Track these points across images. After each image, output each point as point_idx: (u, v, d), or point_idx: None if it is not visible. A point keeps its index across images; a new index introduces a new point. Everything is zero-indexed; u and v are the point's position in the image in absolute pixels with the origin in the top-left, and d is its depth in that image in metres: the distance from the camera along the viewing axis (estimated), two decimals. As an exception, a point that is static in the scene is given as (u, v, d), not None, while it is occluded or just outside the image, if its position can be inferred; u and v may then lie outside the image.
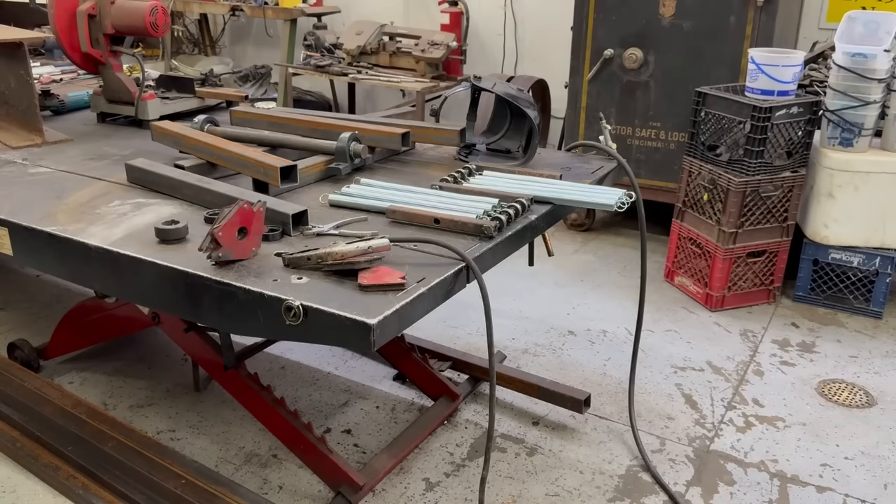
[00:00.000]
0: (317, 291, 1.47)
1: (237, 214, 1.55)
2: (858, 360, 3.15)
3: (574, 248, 4.33)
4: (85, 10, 2.74)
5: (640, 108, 4.10)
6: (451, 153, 2.49)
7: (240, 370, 2.38)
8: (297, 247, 1.65)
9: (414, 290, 1.47)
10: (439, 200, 1.92)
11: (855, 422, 2.75)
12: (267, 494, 2.32)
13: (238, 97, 3.13)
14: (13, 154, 2.50)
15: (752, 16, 3.74)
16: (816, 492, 2.38)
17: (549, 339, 3.30)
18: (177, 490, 2.10)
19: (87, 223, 1.85)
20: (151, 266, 1.63)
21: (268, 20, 6.35)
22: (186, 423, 2.68)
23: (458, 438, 2.62)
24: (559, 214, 2.08)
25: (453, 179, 2.07)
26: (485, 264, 1.69)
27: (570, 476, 2.43)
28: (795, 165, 3.48)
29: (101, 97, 2.95)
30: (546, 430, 2.67)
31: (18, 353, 2.92)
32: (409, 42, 5.19)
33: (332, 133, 2.29)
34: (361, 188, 2.03)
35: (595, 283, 3.86)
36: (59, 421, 2.41)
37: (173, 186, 2.04)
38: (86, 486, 2.26)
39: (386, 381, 2.95)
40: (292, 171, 2.01)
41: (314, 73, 5.29)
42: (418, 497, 2.34)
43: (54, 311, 3.01)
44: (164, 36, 5.44)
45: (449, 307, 1.60)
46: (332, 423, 2.69)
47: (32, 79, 2.69)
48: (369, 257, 1.51)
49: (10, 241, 1.90)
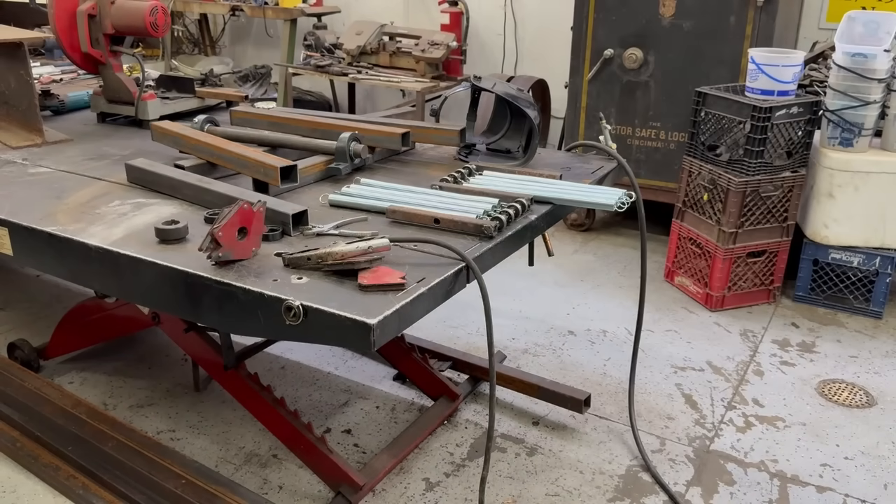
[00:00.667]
0: (317, 291, 1.47)
1: (237, 214, 1.55)
2: (858, 360, 3.15)
3: (574, 248, 4.33)
4: (85, 10, 2.74)
5: (640, 108, 4.10)
6: (451, 153, 2.49)
7: (240, 370, 2.38)
8: (297, 247, 1.65)
9: (414, 290, 1.47)
10: (439, 200, 1.92)
11: (855, 422, 2.75)
12: (267, 494, 2.32)
13: (238, 97, 3.13)
14: (13, 154, 2.50)
15: (752, 16, 3.74)
16: (816, 492, 2.38)
17: (549, 339, 3.30)
18: (177, 490, 2.10)
19: (87, 223, 1.85)
20: (151, 266, 1.63)
21: (268, 20, 6.35)
22: (186, 423, 2.68)
23: (458, 438, 2.62)
24: (559, 214, 2.08)
25: (453, 179, 2.07)
26: (485, 264, 1.69)
27: (570, 476, 2.43)
28: (795, 165, 3.48)
29: (101, 97, 2.95)
30: (546, 430, 2.67)
31: (18, 353, 2.92)
32: (409, 42, 5.19)
33: (332, 133, 2.29)
34: (361, 188, 2.03)
35: (595, 283, 3.86)
36: (59, 421, 2.41)
37: (173, 186, 2.04)
38: (86, 486, 2.26)
39: (386, 381, 2.95)
40: (292, 171, 2.01)
41: (314, 73, 5.29)
42: (418, 497, 2.34)
43: (54, 311, 3.01)
44: (164, 36, 5.44)
45: (449, 307, 1.60)
46: (332, 423, 2.69)
47: (32, 79, 2.69)
48: (369, 257, 1.51)
49: (10, 241, 1.90)
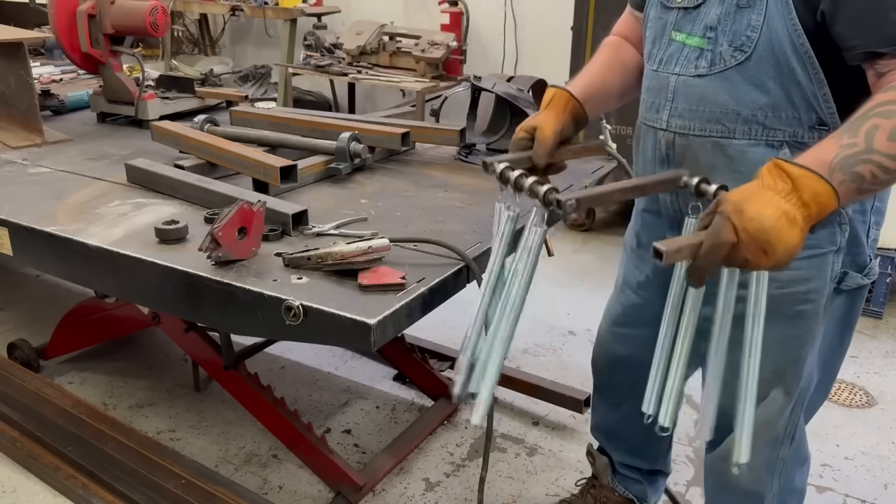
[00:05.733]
0: (317, 291, 1.47)
1: (237, 214, 1.55)
2: (858, 360, 3.15)
3: (574, 248, 4.33)
4: (85, 10, 2.73)
5: (640, 108, 4.09)
6: (451, 153, 2.49)
7: (240, 370, 2.38)
8: (297, 247, 1.65)
9: (414, 290, 1.47)
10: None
11: (855, 422, 2.74)
12: (267, 494, 2.32)
13: (238, 97, 3.13)
14: (13, 154, 2.49)
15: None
16: (816, 492, 2.38)
17: (549, 339, 3.30)
18: (177, 490, 2.10)
19: (86, 223, 1.84)
20: (151, 266, 1.63)
21: (268, 20, 6.34)
22: (186, 423, 2.68)
23: (458, 438, 2.61)
24: (559, 214, 2.07)
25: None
26: (484, 264, 1.69)
27: (570, 476, 2.43)
28: (795, 165, 3.47)
29: (101, 97, 2.95)
30: (546, 430, 2.67)
31: (18, 353, 2.92)
32: (409, 42, 5.19)
33: (332, 133, 2.29)
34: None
35: (595, 283, 3.86)
36: (59, 421, 2.41)
37: (173, 186, 2.04)
38: (86, 486, 2.25)
39: (386, 381, 2.95)
40: (292, 171, 2.01)
41: (314, 73, 5.29)
42: (418, 497, 2.34)
43: (54, 311, 3.01)
44: (164, 36, 5.44)
45: (449, 307, 1.60)
46: (332, 423, 2.69)
47: (32, 79, 2.68)
48: (369, 257, 1.51)
49: (10, 241, 1.90)
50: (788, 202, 1.10)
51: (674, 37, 1.50)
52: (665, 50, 1.52)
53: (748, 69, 1.36)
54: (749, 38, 1.35)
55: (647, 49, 1.60)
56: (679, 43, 1.48)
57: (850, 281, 1.50)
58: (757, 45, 1.34)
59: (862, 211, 1.46)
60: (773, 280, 1.44)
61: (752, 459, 1.55)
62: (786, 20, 1.30)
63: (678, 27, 1.49)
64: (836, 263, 1.47)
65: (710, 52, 1.41)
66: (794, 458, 1.66)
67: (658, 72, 1.54)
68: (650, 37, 1.59)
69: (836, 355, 1.65)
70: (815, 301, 1.48)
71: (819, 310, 1.49)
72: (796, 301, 1.48)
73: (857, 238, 1.47)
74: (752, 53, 1.35)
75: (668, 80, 1.51)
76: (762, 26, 1.33)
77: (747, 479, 1.62)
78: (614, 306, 2.00)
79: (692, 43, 1.45)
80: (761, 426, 1.56)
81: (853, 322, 1.61)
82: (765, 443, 1.58)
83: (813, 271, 1.46)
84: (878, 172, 1.14)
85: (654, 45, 1.57)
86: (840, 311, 1.56)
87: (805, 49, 1.30)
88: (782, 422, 1.59)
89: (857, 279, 1.50)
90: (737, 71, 1.38)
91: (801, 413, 1.63)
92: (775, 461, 1.62)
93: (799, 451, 1.68)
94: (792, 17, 1.30)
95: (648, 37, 1.60)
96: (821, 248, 1.44)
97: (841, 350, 1.65)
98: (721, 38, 1.39)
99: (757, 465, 1.59)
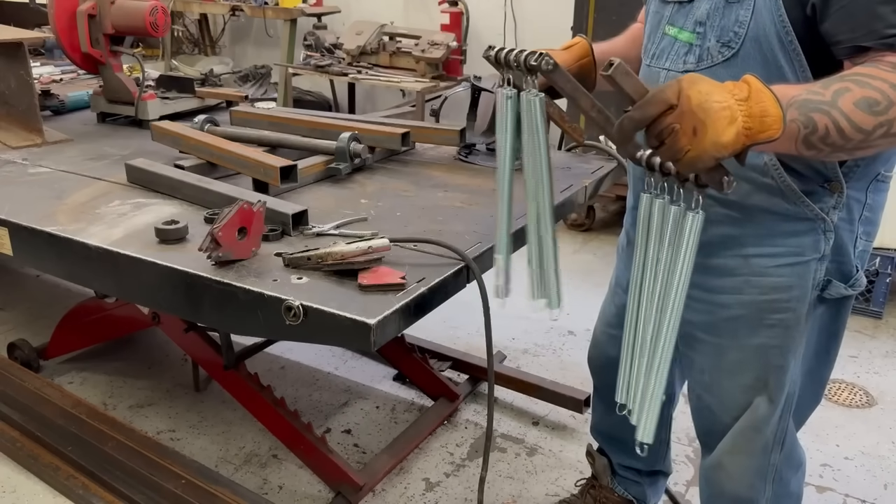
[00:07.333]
0: (317, 291, 1.47)
1: (237, 214, 1.55)
2: (858, 360, 3.15)
3: (574, 248, 4.33)
4: (85, 10, 2.73)
5: (640, 108, 4.09)
6: (451, 153, 2.49)
7: (240, 370, 2.39)
8: (297, 247, 1.65)
9: (414, 290, 1.47)
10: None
11: (855, 422, 2.74)
12: (267, 494, 2.32)
13: (238, 97, 3.13)
14: (13, 154, 2.49)
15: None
16: (816, 492, 2.38)
17: (549, 339, 3.30)
18: (177, 490, 2.10)
19: (86, 223, 1.84)
20: (151, 266, 1.63)
21: (268, 20, 6.34)
22: (186, 423, 2.68)
23: (458, 438, 2.61)
24: (559, 214, 2.07)
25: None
26: (485, 264, 1.69)
27: (570, 476, 2.43)
28: (795, 165, 3.47)
29: (101, 97, 2.95)
30: (546, 430, 2.67)
31: (18, 353, 2.92)
32: (409, 42, 5.19)
33: (332, 133, 2.29)
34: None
35: (595, 283, 3.85)
36: (59, 421, 2.41)
37: (173, 186, 2.04)
38: (86, 486, 2.26)
39: (386, 381, 2.95)
40: (292, 171, 2.01)
41: (314, 73, 5.29)
42: (418, 497, 2.34)
43: (54, 311, 3.01)
44: (164, 36, 5.44)
45: (449, 307, 1.59)
46: (332, 423, 2.69)
47: (32, 79, 2.68)
48: (369, 257, 1.51)
49: (10, 241, 1.90)
50: (738, 105, 1.10)
51: (667, 31, 1.50)
52: (658, 44, 1.53)
53: (735, 65, 1.36)
54: (736, 33, 1.34)
55: (644, 43, 1.61)
56: (671, 37, 1.49)
57: (833, 290, 1.48)
58: (744, 41, 1.34)
59: (849, 220, 1.45)
60: (755, 287, 1.45)
61: (743, 466, 1.57)
62: (774, 15, 1.30)
63: (672, 21, 1.49)
64: (819, 271, 1.46)
65: (699, 47, 1.41)
66: (787, 463, 1.66)
67: (650, 66, 1.55)
68: (647, 31, 1.59)
69: (822, 363, 1.63)
70: (795, 310, 1.47)
71: (801, 318, 1.48)
72: (777, 309, 1.47)
73: (842, 247, 1.46)
74: (738, 50, 1.35)
75: (658, 75, 1.51)
76: (749, 22, 1.32)
77: (740, 486, 1.62)
78: (608, 307, 2.00)
79: (683, 38, 1.45)
80: (748, 434, 1.57)
81: (839, 332, 1.59)
82: (754, 450, 1.59)
83: (795, 279, 1.45)
84: (832, 129, 1.13)
85: (649, 39, 1.57)
86: (824, 320, 1.54)
87: (793, 45, 1.30)
88: (770, 429, 1.58)
89: (841, 289, 1.48)
90: (723, 67, 1.37)
91: (790, 419, 1.63)
92: (767, 468, 1.62)
93: (792, 457, 1.68)
94: (780, 13, 1.29)
95: (646, 31, 1.60)
96: (804, 255, 1.43)
97: (828, 358, 1.63)
98: (709, 33, 1.39)
99: (749, 472, 1.60)
